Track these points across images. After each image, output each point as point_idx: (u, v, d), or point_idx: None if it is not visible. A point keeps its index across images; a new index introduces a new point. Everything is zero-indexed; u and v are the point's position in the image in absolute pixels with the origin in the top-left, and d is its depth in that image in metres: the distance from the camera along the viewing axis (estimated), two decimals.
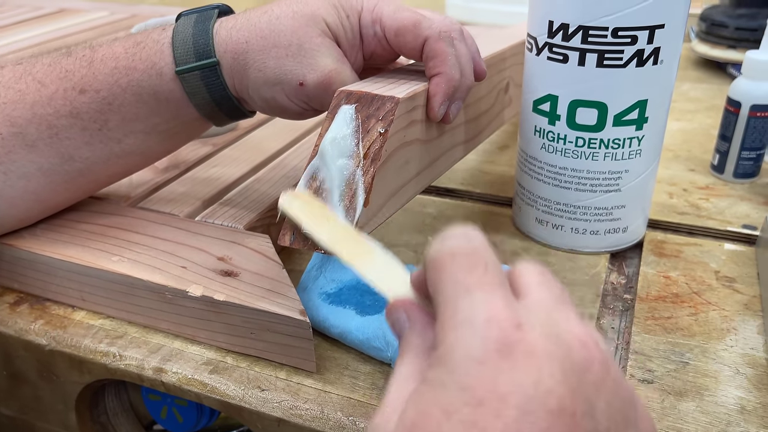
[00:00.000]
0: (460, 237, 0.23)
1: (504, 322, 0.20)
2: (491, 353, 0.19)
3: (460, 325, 0.20)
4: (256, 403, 0.37)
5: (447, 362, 0.20)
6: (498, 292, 0.21)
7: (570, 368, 0.20)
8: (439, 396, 0.20)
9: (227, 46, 0.39)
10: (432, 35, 0.38)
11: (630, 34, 0.40)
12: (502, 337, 0.20)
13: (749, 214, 0.53)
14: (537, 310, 0.21)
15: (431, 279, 0.23)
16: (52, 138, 0.41)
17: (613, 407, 0.20)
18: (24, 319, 0.44)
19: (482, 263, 0.22)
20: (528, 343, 0.20)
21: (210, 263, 0.41)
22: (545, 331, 0.20)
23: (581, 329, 0.21)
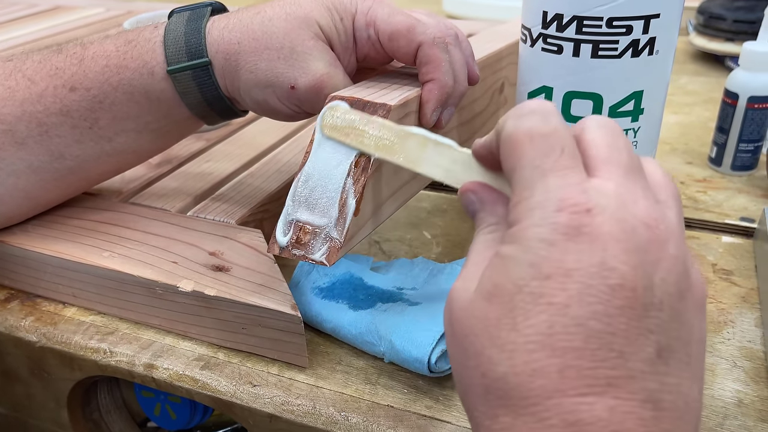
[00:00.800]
0: (537, 115, 0.24)
1: (574, 207, 0.22)
2: (560, 236, 0.21)
3: (534, 208, 0.22)
4: (248, 398, 0.36)
5: (521, 241, 0.22)
6: (571, 176, 0.22)
7: (632, 248, 0.21)
8: (511, 270, 0.22)
9: (219, 47, 0.39)
10: (426, 41, 0.37)
11: (625, 24, 0.40)
12: (572, 221, 0.21)
13: (747, 206, 0.53)
14: (607, 193, 0.22)
15: (506, 156, 0.24)
16: (41, 135, 0.40)
17: (668, 281, 0.22)
18: (14, 316, 0.43)
19: (559, 146, 0.23)
20: (595, 227, 0.21)
21: (201, 258, 0.41)
22: (612, 215, 0.22)
23: (645, 210, 0.22)
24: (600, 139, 0.24)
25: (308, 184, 0.35)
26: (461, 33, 0.40)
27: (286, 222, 0.35)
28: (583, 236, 0.21)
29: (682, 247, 0.23)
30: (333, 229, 0.33)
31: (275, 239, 0.35)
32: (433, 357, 0.34)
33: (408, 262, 0.43)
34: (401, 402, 0.35)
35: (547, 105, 0.24)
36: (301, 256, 0.34)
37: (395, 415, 0.35)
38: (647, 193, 0.23)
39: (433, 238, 0.51)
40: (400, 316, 0.36)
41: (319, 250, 0.34)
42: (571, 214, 0.21)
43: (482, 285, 0.23)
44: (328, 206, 0.34)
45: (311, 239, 0.34)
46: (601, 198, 0.22)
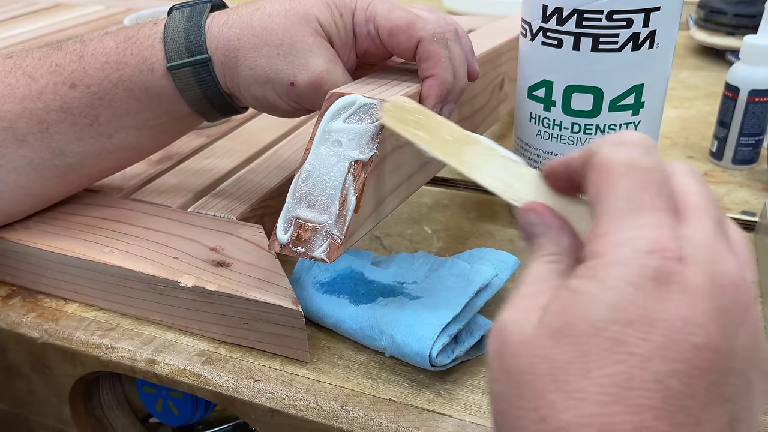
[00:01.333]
0: (639, 147, 0.22)
1: (667, 253, 0.20)
2: (648, 281, 0.20)
3: (622, 244, 0.20)
4: (249, 393, 0.36)
5: (602, 278, 0.20)
6: (665, 219, 0.21)
7: (720, 308, 0.20)
8: (588, 309, 0.20)
9: (219, 43, 0.39)
10: (426, 36, 0.37)
11: (625, 17, 0.40)
12: (662, 268, 0.20)
13: (748, 200, 0.53)
14: (699, 244, 0.21)
15: (595, 182, 0.22)
16: (42, 132, 0.40)
17: (748, 347, 0.21)
18: (16, 312, 0.43)
19: (656, 183, 0.22)
20: (686, 278, 0.20)
21: (202, 254, 0.41)
22: (704, 269, 0.20)
23: (735, 269, 0.21)
24: (693, 187, 0.23)
25: (308, 182, 0.35)
26: (461, 29, 0.40)
27: (286, 219, 0.35)
28: (673, 285, 0.20)
29: (759, 315, 0.22)
30: (333, 226, 0.33)
31: (276, 236, 0.35)
32: (434, 351, 0.34)
33: (409, 257, 0.43)
34: (403, 396, 0.35)
35: (649, 140, 0.23)
36: (301, 253, 0.34)
37: (396, 409, 0.35)
38: (731, 251, 0.22)
39: (434, 233, 0.51)
40: (401, 310, 0.36)
41: (320, 247, 0.34)
42: (663, 259, 0.20)
43: (548, 320, 0.21)
44: (328, 203, 0.34)
45: (312, 236, 0.34)
46: (694, 248, 0.21)
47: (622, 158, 0.22)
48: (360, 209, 0.34)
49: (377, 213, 0.37)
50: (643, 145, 0.23)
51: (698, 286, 0.20)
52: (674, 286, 0.20)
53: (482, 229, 0.51)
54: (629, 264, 0.20)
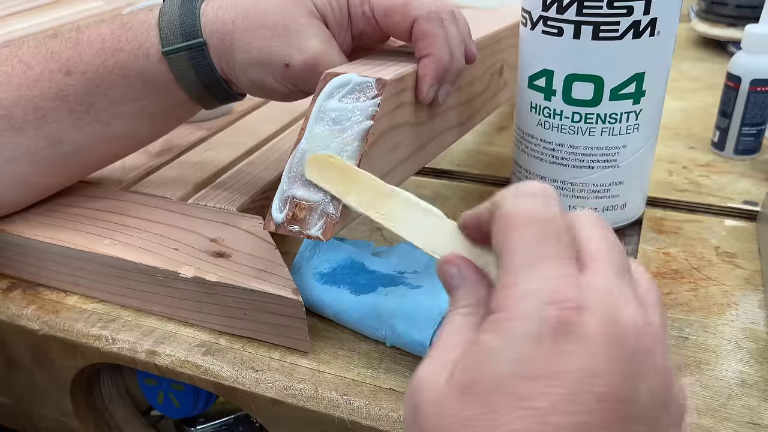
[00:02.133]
0: (538, 199, 0.23)
1: (565, 304, 0.20)
2: (548, 333, 0.20)
3: (522, 298, 0.21)
4: (250, 384, 0.36)
5: (504, 332, 0.20)
6: (565, 269, 0.21)
7: (621, 355, 0.20)
8: (492, 364, 0.20)
9: (213, 27, 0.39)
10: (421, 16, 0.37)
11: (626, 4, 0.40)
12: (562, 319, 0.20)
13: (750, 190, 0.53)
14: (598, 292, 0.21)
15: (499, 234, 0.23)
16: (38, 120, 0.40)
17: (654, 392, 0.20)
18: (17, 305, 0.43)
19: (556, 233, 0.22)
20: (585, 328, 0.20)
21: (202, 245, 0.41)
22: (603, 316, 0.20)
23: (635, 315, 0.21)
24: (595, 235, 0.23)
25: (304, 160, 0.34)
26: (458, 11, 0.40)
27: (281, 198, 0.34)
28: (572, 336, 0.20)
29: (667, 358, 0.22)
30: (329, 204, 0.33)
31: (271, 216, 0.34)
32: (435, 339, 0.34)
33: (409, 247, 0.43)
34: (403, 385, 0.35)
35: (549, 190, 0.23)
36: (297, 232, 0.34)
37: (397, 398, 0.34)
38: (636, 297, 0.22)
39: None
40: (401, 300, 0.36)
41: (315, 225, 0.33)
42: (562, 309, 0.20)
43: (456, 377, 0.21)
44: None
45: (307, 215, 0.34)
46: (593, 296, 0.21)
47: (521, 211, 0.22)
48: None
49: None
50: (544, 195, 0.23)
51: (597, 334, 0.20)
52: (573, 336, 0.20)
53: None
54: (530, 317, 0.20)
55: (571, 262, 0.22)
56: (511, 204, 0.23)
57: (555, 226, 0.22)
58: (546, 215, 0.22)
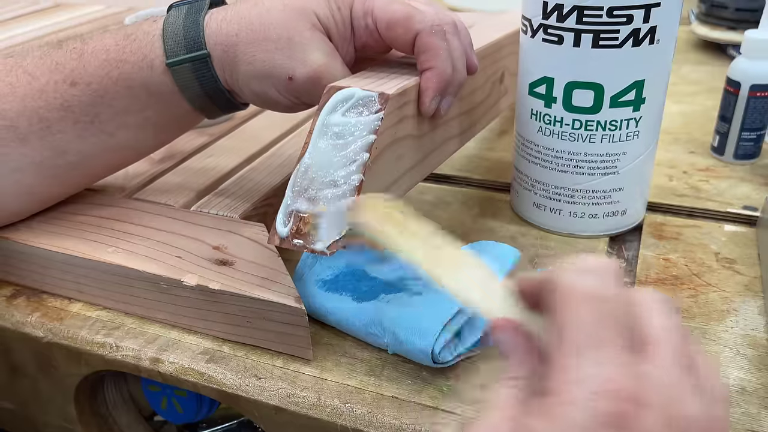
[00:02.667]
0: (599, 276, 0.22)
1: (620, 393, 0.20)
2: (599, 425, 0.19)
3: (575, 384, 0.20)
4: (253, 391, 0.37)
5: (553, 419, 0.20)
6: (622, 356, 0.20)
7: None
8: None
9: (217, 39, 0.39)
10: (424, 29, 0.37)
11: (625, 13, 0.40)
12: (616, 409, 0.19)
13: (750, 195, 0.53)
14: (657, 384, 0.20)
15: (557, 308, 0.22)
16: (43, 131, 0.40)
17: None
18: (21, 312, 0.44)
19: (616, 315, 0.21)
20: (640, 423, 0.19)
21: (205, 252, 0.41)
22: (661, 411, 0.20)
23: (697, 410, 0.20)
24: (656, 318, 0.22)
25: (307, 175, 0.35)
26: (460, 22, 0.40)
27: (286, 212, 0.35)
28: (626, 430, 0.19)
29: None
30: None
31: (275, 230, 0.35)
32: (437, 347, 0.34)
33: None
34: (406, 393, 0.35)
35: (612, 266, 0.23)
36: (301, 247, 0.34)
37: (400, 405, 0.35)
38: (698, 391, 0.21)
39: None
40: (404, 307, 0.36)
41: (320, 239, 0.34)
42: (615, 400, 0.19)
43: None
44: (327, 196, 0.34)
45: (312, 229, 0.34)
46: (650, 388, 0.20)
47: (583, 288, 0.22)
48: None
49: None
50: (607, 273, 0.22)
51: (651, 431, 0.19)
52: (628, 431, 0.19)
53: (484, 226, 0.51)
54: (582, 406, 0.19)
55: (629, 348, 0.21)
56: (574, 279, 0.22)
57: (615, 307, 0.22)
58: (608, 295, 0.22)
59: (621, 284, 0.22)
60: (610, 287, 0.22)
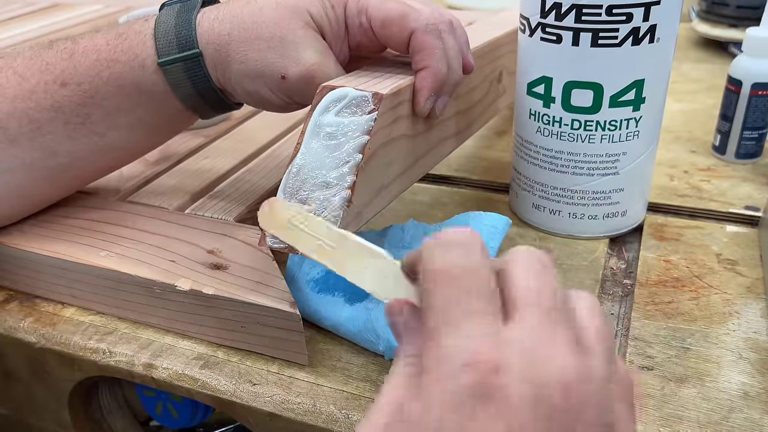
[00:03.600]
0: (459, 250, 0.22)
1: (483, 365, 0.20)
2: (467, 398, 0.20)
3: (442, 361, 0.21)
4: (248, 397, 0.36)
5: (426, 398, 0.20)
6: (484, 325, 0.21)
7: (542, 416, 0.20)
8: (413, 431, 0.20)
9: (209, 38, 0.38)
10: (419, 28, 0.37)
11: (625, 11, 0.39)
12: (479, 382, 0.20)
13: (752, 195, 0.52)
14: (521, 347, 0.20)
15: (425, 288, 0.23)
16: (33, 132, 0.40)
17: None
18: (13, 317, 0.43)
19: (477, 288, 0.22)
20: (503, 390, 0.20)
21: (199, 256, 0.40)
22: (523, 374, 0.20)
23: (561, 369, 0.20)
24: (522, 278, 0.22)
25: (299, 176, 0.34)
26: (456, 20, 0.40)
27: None
28: (490, 400, 0.19)
29: (606, 409, 0.21)
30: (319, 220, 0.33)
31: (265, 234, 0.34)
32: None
33: (399, 230, 0.42)
34: None
35: (472, 238, 0.23)
36: (288, 249, 0.33)
37: None
38: (568, 343, 0.21)
39: None
40: None
41: None
42: (479, 372, 0.20)
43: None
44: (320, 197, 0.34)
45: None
46: (513, 353, 0.20)
47: (440, 264, 0.22)
48: (352, 203, 0.34)
49: (371, 206, 0.37)
50: (466, 245, 0.22)
51: (517, 396, 0.19)
52: (493, 401, 0.19)
53: None
54: (448, 381, 0.20)
55: (492, 316, 0.21)
56: (432, 257, 0.23)
57: (475, 279, 0.22)
58: (467, 268, 0.22)
59: (485, 254, 0.22)
60: (472, 259, 0.22)
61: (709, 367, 0.36)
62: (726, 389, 0.35)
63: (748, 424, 0.32)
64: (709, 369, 0.36)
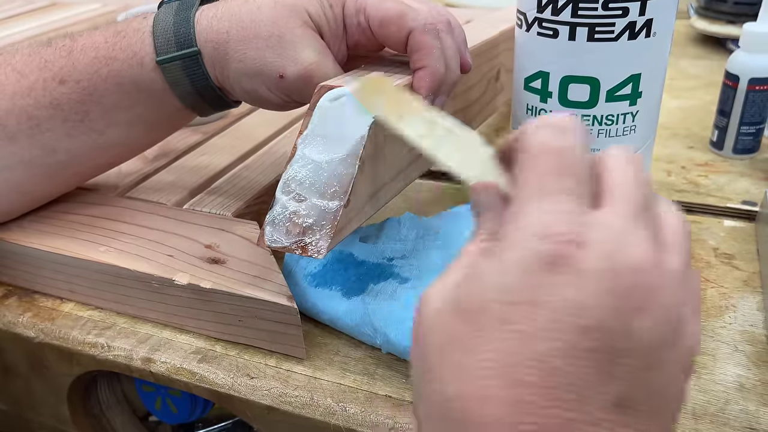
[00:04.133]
0: (557, 130, 0.23)
1: (560, 237, 0.20)
2: (539, 265, 0.20)
3: (521, 229, 0.21)
4: (246, 391, 0.36)
5: (500, 261, 0.21)
6: (568, 204, 0.21)
7: (614, 290, 0.20)
8: (484, 290, 0.21)
9: (208, 36, 0.38)
10: (417, 27, 0.37)
11: (621, 5, 0.39)
12: (555, 251, 0.20)
13: (749, 189, 0.52)
14: (605, 228, 0.21)
15: (520, 162, 0.23)
16: (32, 129, 0.40)
17: (651, 330, 0.20)
18: (12, 312, 0.43)
19: (568, 167, 0.22)
20: (579, 262, 0.20)
21: (197, 251, 0.41)
22: (603, 252, 0.20)
23: (641, 253, 0.21)
24: (617, 170, 0.23)
25: (297, 176, 0.34)
26: (454, 19, 0.40)
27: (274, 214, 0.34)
28: (564, 268, 0.20)
29: (679, 297, 0.21)
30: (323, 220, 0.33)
31: (264, 232, 0.34)
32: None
33: (396, 223, 0.42)
34: (399, 392, 0.35)
35: (572, 122, 0.23)
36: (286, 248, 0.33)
37: (393, 405, 0.34)
38: (650, 236, 0.21)
39: None
40: (392, 303, 0.36)
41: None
42: (555, 243, 0.20)
43: (453, 296, 0.22)
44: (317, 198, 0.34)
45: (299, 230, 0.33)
46: (597, 232, 0.21)
47: (537, 140, 0.22)
48: (350, 203, 0.34)
49: (370, 205, 0.37)
50: (563, 127, 0.23)
51: (592, 269, 0.20)
52: (565, 269, 0.20)
53: None
54: (523, 248, 0.21)
55: (579, 197, 0.21)
56: (530, 134, 0.23)
57: (568, 158, 0.22)
58: (559, 146, 0.22)
59: (580, 139, 0.23)
60: (567, 139, 0.22)
61: (705, 359, 0.36)
62: (722, 381, 0.35)
63: (743, 415, 0.33)
64: (705, 361, 0.36)
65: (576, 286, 0.20)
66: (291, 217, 0.34)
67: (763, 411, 0.33)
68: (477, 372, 0.20)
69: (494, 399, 0.20)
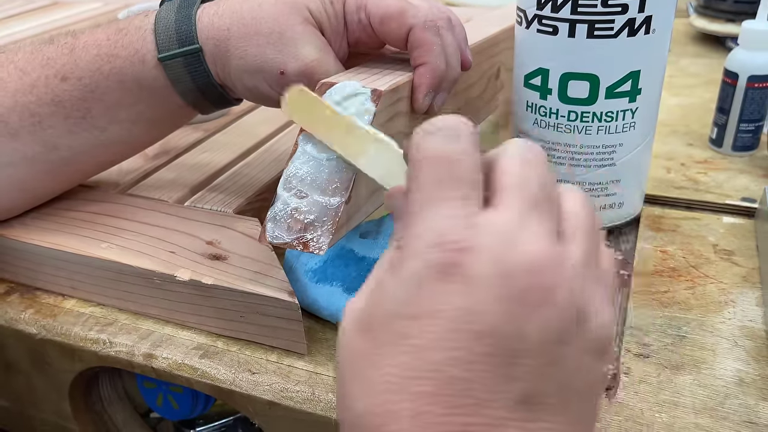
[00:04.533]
0: (442, 135, 0.23)
1: (451, 245, 0.20)
2: (433, 274, 0.20)
3: (413, 239, 0.21)
4: (247, 386, 0.36)
5: (398, 273, 0.21)
6: (458, 208, 0.21)
7: (505, 295, 0.20)
8: (383, 303, 0.22)
9: (209, 33, 0.39)
10: (417, 24, 0.37)
11: (620, 2, 0.39)
12: (446, 259, 0.20)
13: (748, 186, 0.52)
14: (493, 230, 0.21)
15: (412, 169, 0.23)
16: (34, 126, 0.40)
17: (547, 329, 0.20)
18: (14, 309, 0.43)
19: (455, 173, 0.22)
20: (468, 268, 0.20)
21: (198, 247, 0.41)
22: (491, 256, 0.20)
23: (533, 253, 0.20)
24: (510, 166, 0.22)
25: (298, 173, 0.34)
26: (455, 17, 0.40)
27: (276, 211, 0.34)
28: (455, 277, 0.20)
29: (576, 292, 0.21)
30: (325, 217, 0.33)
31: (265, 228, 0.34)
32: None
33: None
34: None
35: (458, 124, 0.23)
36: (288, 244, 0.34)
37: None
38: (545, 231, 0.21)
39: None
40: None
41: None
42: (445, 251, 0.20)
43: (360, 312, 0.22)
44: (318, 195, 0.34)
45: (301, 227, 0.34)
46: (485, 236, 0.20)
47: (423, 149, 0.22)
48: (351, 200, 0.34)
49: (371, 202, 0.37)
50: (449, 130, 0.23)
51: (480, 275, 0.20)
52: (456, 277, 0.20)
53: None
54: (417, 259, 0.21)
55: (469, 201, 0.21)
56: (418, 141, 0.23)
57: (455, 164, 0.22)
58: (450, 153, 0.22)
59: (474, 140, 0.23)
60: (457, 145, 0.22)
61: (704, 354, 0.36)
62: (721, 376, 0.35)
63: (743, 410, 0.33)
64: (704, 356, 0.36)
65: (465, 294, 0.20)
66: (292, 214, 0.34)
67: (762, 405, 0.33)
68: (380, 387, 0.21)
69: (398, 413, 0.20)
